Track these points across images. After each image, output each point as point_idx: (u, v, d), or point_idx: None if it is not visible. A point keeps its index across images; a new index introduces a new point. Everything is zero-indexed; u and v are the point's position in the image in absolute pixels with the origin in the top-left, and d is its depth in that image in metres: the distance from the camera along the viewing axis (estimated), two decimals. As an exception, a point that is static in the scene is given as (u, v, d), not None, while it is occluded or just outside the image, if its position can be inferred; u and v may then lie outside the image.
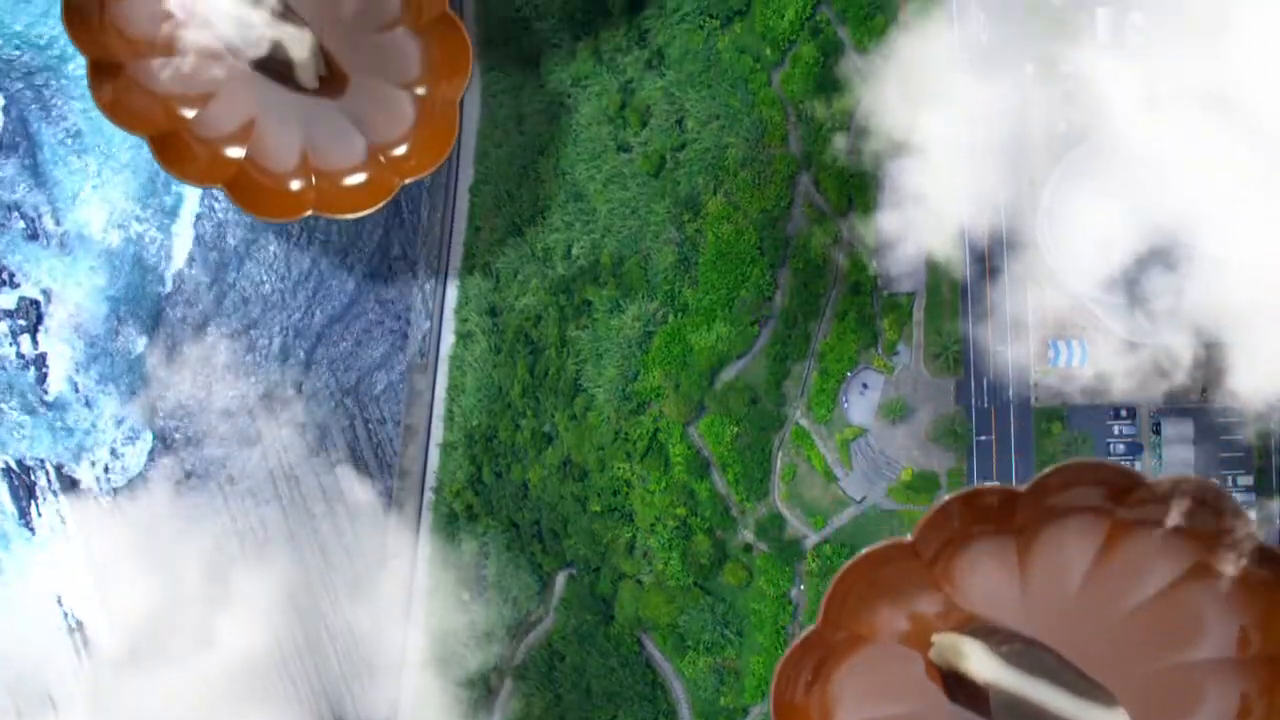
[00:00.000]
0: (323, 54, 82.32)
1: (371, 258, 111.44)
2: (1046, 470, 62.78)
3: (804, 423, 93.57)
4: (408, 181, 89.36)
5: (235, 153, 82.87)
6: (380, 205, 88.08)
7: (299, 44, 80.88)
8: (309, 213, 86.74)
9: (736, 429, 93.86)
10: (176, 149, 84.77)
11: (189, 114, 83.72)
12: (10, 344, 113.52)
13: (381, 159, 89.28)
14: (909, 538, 63.17)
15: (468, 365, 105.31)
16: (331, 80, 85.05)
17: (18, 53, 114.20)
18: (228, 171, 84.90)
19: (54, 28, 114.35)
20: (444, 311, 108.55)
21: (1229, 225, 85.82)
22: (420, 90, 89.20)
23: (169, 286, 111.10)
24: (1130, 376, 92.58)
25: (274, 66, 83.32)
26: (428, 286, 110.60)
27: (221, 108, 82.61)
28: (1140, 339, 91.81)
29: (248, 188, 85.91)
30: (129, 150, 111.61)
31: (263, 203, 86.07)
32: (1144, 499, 61.00)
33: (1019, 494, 61.82)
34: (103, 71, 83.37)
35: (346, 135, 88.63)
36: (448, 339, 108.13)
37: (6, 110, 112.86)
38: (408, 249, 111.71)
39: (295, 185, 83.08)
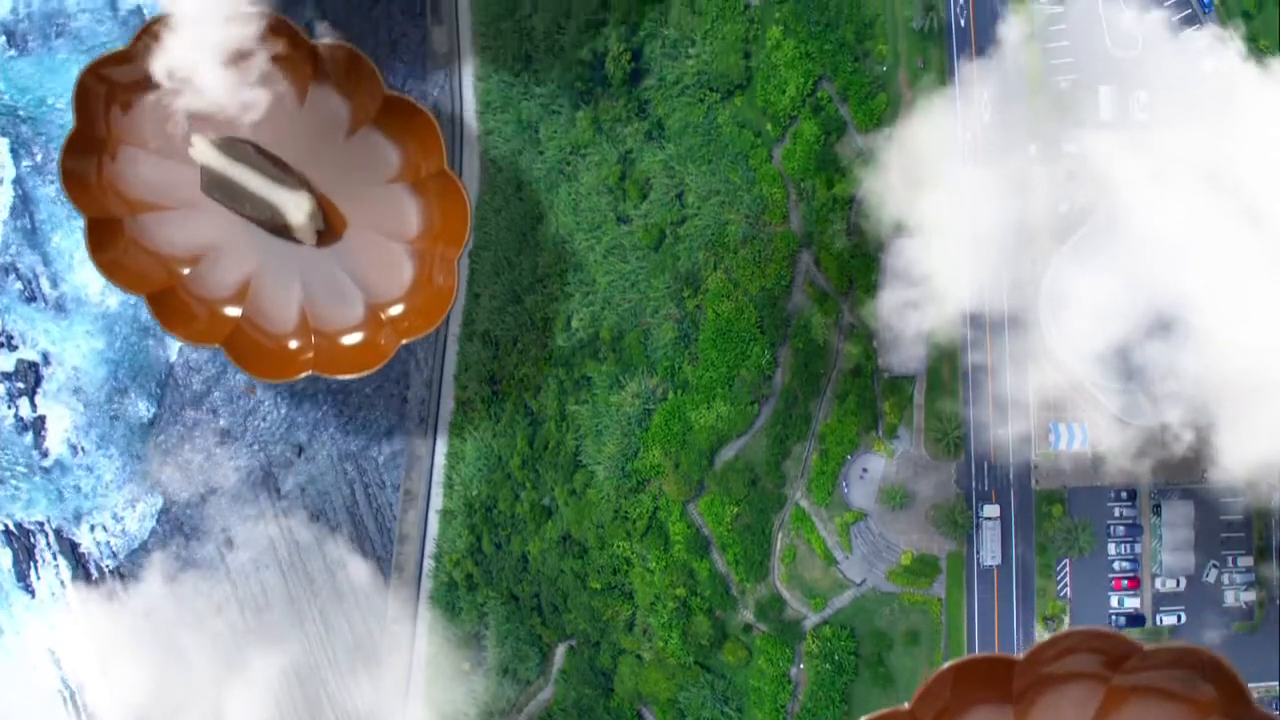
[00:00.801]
0: (321, 208, 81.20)
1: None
2: (1043, 641, 62.52)
3: (804, 504, 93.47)
4: (406, 341, 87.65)
5: (233, 311, 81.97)
6: (379, 366, 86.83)
7: (297, 209, 79.78)
8: (308, 373, 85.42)
9: (736, 509, 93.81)
10: (175, 308, 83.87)
11: (187, 271, 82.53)
12: (9, 407, 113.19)
13: (380, 317, 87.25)
14: (907, 706, 62.81)
15: (467, 433, 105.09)
16: (330, 232, 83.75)
17: (15, 114, 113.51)
18: (226, 329, 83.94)
19: (53, 92, 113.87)
20: (444, 378, 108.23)
21: (1229, 307, 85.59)
22: (419, 246, 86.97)
23: (173, 354, 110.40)
24: (1131, 458, 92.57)
25: (272, 225, 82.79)
26: (426, 352, 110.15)
27: (220, 264, 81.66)
28: (1140, 421, 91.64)
29: (246, 346, 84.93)
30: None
31: (261, 362, 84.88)
32: (1141, 666, 60.71)
33: (1015, 662, 61.51)
34: (101, 230, 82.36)
35: (345, 290, 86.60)
36: (447, 404, 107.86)
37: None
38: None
39: (294, 344, 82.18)
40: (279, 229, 79.62)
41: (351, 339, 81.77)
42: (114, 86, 78.25)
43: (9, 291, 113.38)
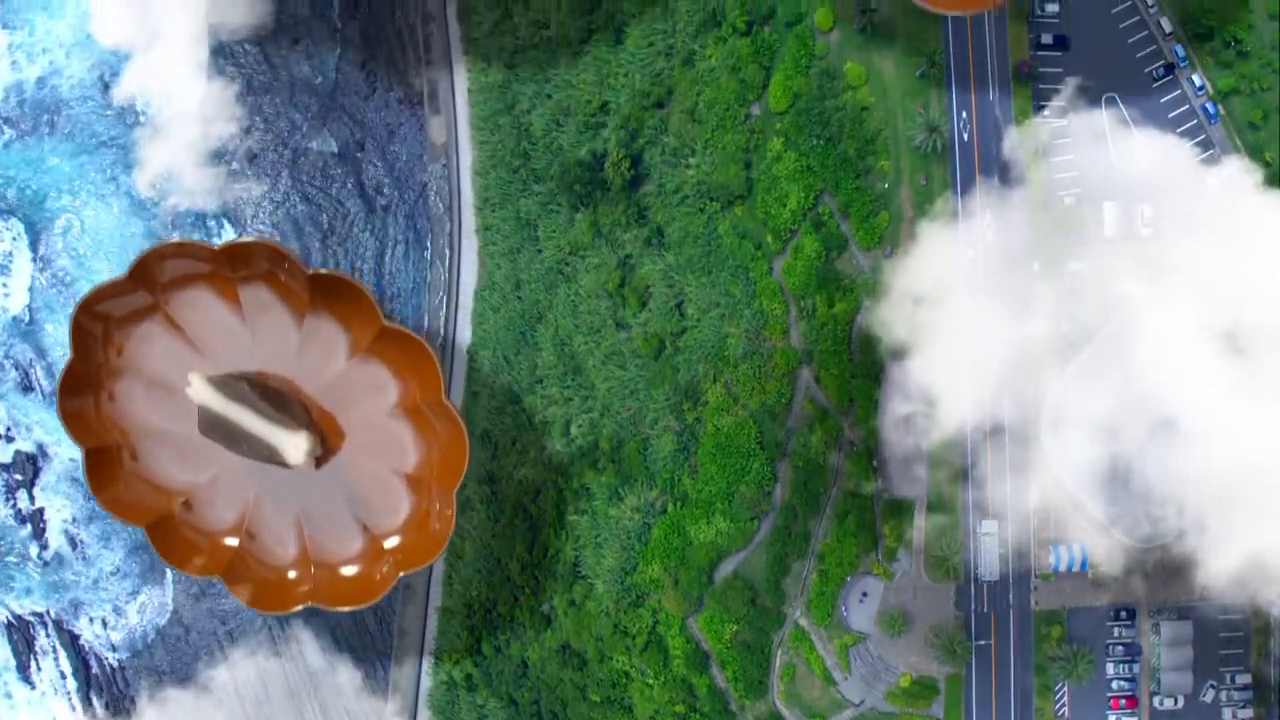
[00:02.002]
0: (319, 430, 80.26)
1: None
2: None
3: (804, 623, 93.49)
4: (404, 575, 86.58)
5: (232, 541, 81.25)
6: (378, 599, 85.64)
7: (295, 449, 78.96)
8: (307, 604, 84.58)
9: (736, 626, 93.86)
10: (174, 539, 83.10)
11: (186, 502, 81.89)
12: (7, 499, 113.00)
13: (379, 547, 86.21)
14: None
15: (467, 533, 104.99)
16: (328, 450, 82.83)
17: (6, 202, 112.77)
18: (225, 560, 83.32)
19: (46, 183, 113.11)
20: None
21: (1231, 429, 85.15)
22: (417, 477, 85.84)
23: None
24: (1130, 578, 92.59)
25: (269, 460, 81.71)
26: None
27: (218, 494, 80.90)
28: (1140, 541, 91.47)
29: (246, 576, 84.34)
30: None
31: (260, 592, 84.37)
32: None
33: None
34: (100, 460, 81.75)
35: (343, 518, 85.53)
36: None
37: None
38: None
39: (292, 575, 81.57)
40: (277, 461, 79.09)
41: (350, 570, 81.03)
42: (109, 321, 77.49)
43: (5, 381, 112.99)
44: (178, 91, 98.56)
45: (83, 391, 77.61)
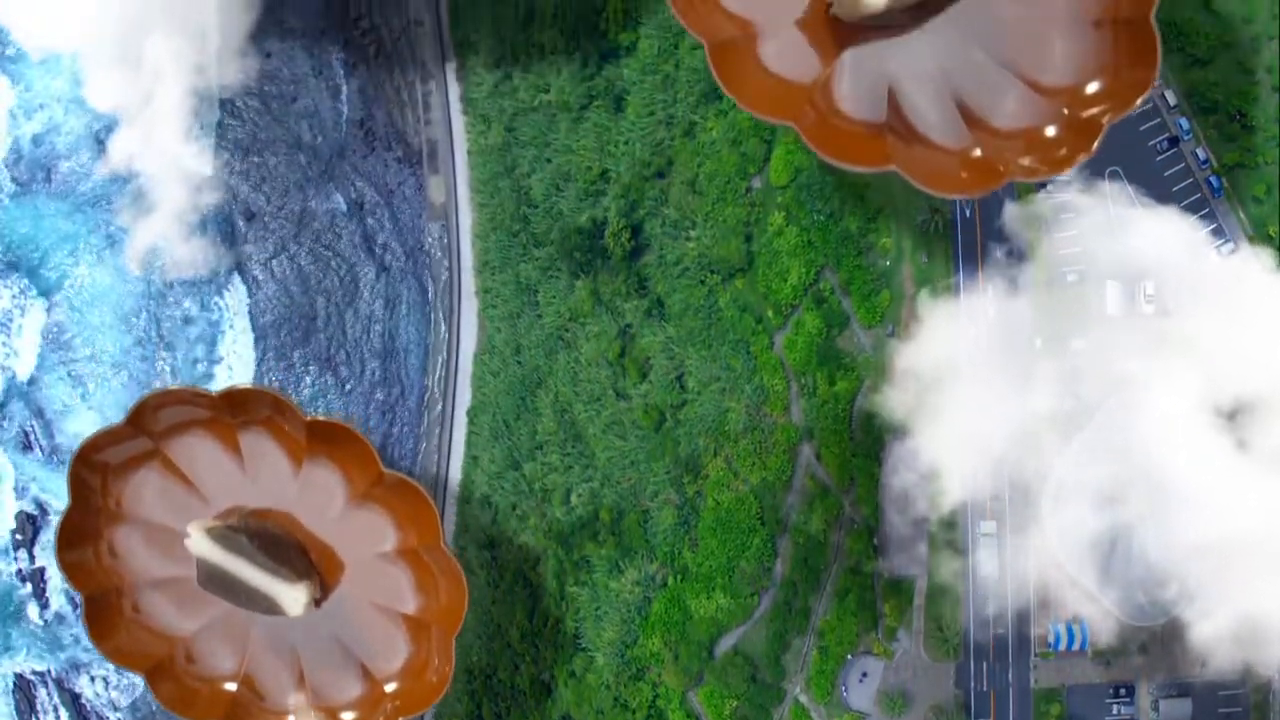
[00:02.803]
0: (319, 571, 79.89)
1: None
2: None
3: (804, 699, 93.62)
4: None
5: (231, 686, 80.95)
6: None
7: (294, 602, 78.23)
8: None
9: (736, 701, 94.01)
10: (173, 684, 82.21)
11: (186, 648, 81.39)
12: (8, 558, 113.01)
13: (379, 691, 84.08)
14: None
15: (468, 599, 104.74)
16: (326, 589, 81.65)
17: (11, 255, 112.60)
18: (224, 706, 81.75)
19: (41, 238, 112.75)
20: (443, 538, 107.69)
21: (1233, 510, 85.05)
22: (416, 623, 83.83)
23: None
24: (1129, 655, 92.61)
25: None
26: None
27: (218, 638, 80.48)
28: (1139, 620, 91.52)
29: None
30: (118, 362, 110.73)
31: None
32: None
33: None
34: (99, 606, 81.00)
35: (343, 662, 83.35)
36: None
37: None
38: (402, 470, 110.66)
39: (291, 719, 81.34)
40: (276, 612, 78.87)
41: (349, 715, 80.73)
42: (107, 470, 77.22)
43: (4, 440, 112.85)
44: (166, 162, 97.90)
45: (82, 542, 77.49)
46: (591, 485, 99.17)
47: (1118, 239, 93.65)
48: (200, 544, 74.23)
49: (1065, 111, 67.93)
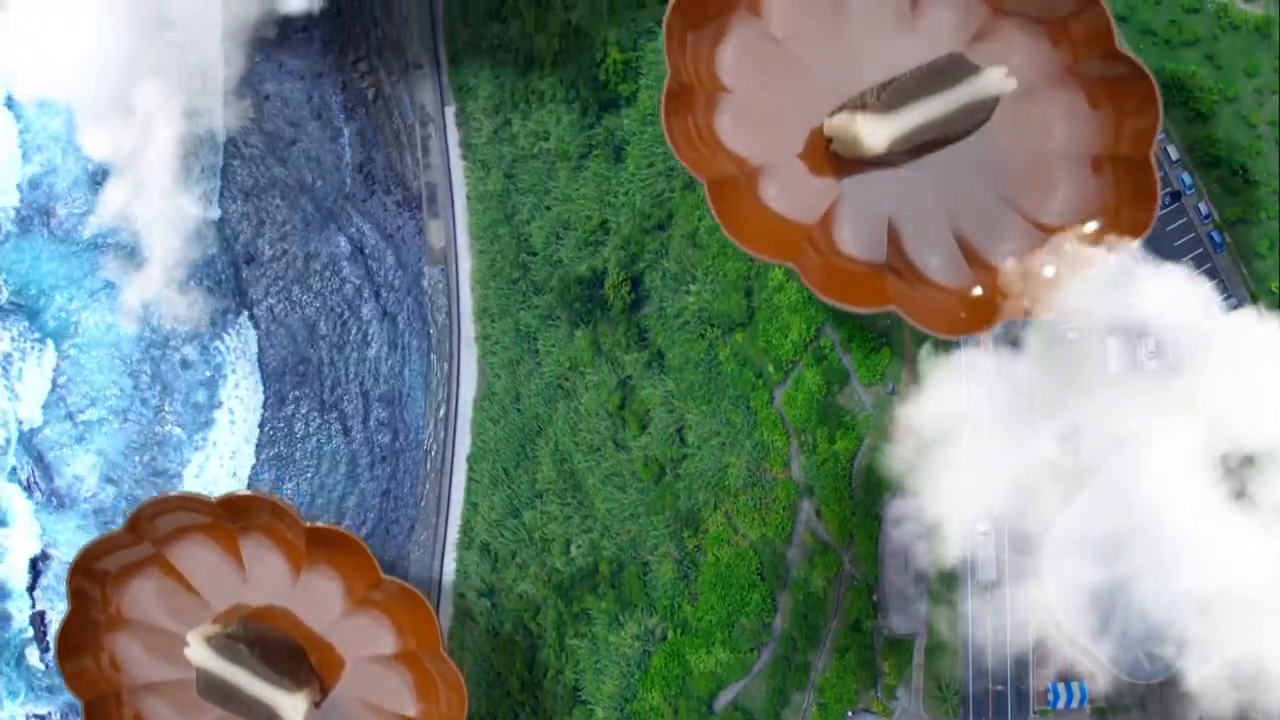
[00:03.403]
0: (319, 681, 78.93)
1: (367, 534, 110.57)
2: None
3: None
4: None
5: None
6: None
7: (294, 711, 77.41)
8: None
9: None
10: None
11: None
12: (9, 602, 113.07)
13: None
14: None
15: (467, 644, 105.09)
16: (326, 693, 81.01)
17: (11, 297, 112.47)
18: None
19: (44, 279, 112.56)
20: (442, 584, 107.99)
21: (1235, 564, 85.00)
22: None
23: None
24: (1128, 712, 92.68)
25: None
26: (424, 554, 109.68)
27: None
28: (1139, 677, 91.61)
29: None
30: (116, 406, 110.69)
31: None
32: None
33: None
34: (99, 715, 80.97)
35: None
36: (446, 610, 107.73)
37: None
38: (403, 515, 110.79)
39: None
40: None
41: None
42: (106, 579, 77.04)
43: (8, 485, 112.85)
44: (157, 214, 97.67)
45: (82, 651, 77.40)
46: (591, 536, 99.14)
47: (1119, 295, 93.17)
48: (200, 654, 74.15)
49: (1066, 249, 67.69)
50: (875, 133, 60.75)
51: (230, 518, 75.73)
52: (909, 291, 65.73)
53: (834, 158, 66.28)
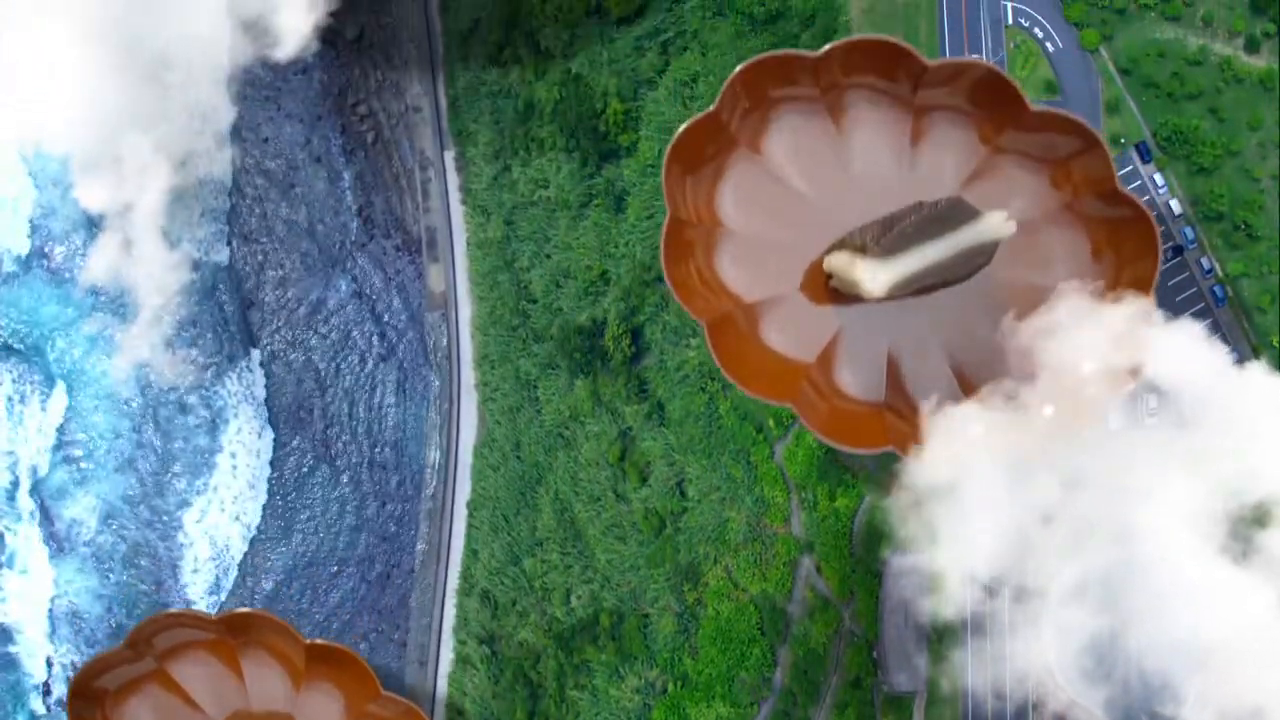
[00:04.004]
0: None
1: (368, 578, 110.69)
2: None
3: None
4: None
5: None
6: None
7: None
8: None
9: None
10: None
11: None
12: (11, 644, 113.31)
13: None
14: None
15: (467, 689, 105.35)
16: None
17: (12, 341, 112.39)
18: None
19: (43, 321, 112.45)
20: (443, 629, 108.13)
21: (1235, 621, 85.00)
22: None
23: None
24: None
25: None
26: (424, 598, 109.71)
27: None
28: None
29: None
30: (114, 448, 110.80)
31: None
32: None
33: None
34: None
35: None
36: (446, 655, 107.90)
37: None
38: (404, 560, 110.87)
39: None
40: None
41: None
42: (105, 696, 76.85)
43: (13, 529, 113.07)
44: (152, 263, 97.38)
45: None
46: (592, 587, 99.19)
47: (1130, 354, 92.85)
48: None
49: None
50: (875, 278, 60.55)
51: (230, 634, 75.66)
52: (908, 431, 65.42)
53: (833, 291, 65.89)
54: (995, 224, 63.62)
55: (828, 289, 65.03)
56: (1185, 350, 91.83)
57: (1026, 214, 64.64)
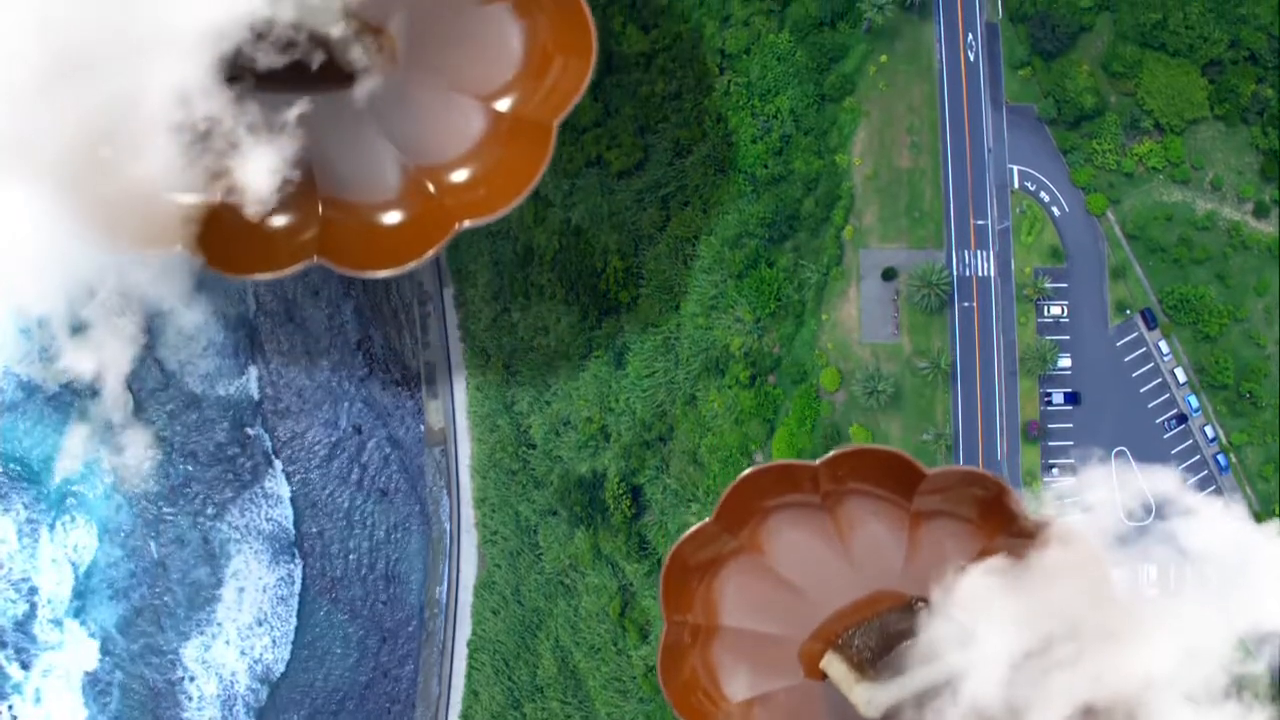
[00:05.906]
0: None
1: (369, 714, 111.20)
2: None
3: None
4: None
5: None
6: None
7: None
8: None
9: None
10: None
11: None
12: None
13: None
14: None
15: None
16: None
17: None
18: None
19: (44, 450, 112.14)
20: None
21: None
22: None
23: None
24: None
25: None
26: (425, 714, 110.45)
27: None
28: None
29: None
30: (108, 578, 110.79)
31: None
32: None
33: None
34: None
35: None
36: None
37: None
38: (403, 694, 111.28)
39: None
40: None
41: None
42: None
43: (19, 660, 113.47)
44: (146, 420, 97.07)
45: None
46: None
47: (1121, 524, 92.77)
48: None
49: None
50: (872, 703, 60.10)
51: None
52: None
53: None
54: None
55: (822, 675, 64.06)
56: (1213, 527, 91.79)
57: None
